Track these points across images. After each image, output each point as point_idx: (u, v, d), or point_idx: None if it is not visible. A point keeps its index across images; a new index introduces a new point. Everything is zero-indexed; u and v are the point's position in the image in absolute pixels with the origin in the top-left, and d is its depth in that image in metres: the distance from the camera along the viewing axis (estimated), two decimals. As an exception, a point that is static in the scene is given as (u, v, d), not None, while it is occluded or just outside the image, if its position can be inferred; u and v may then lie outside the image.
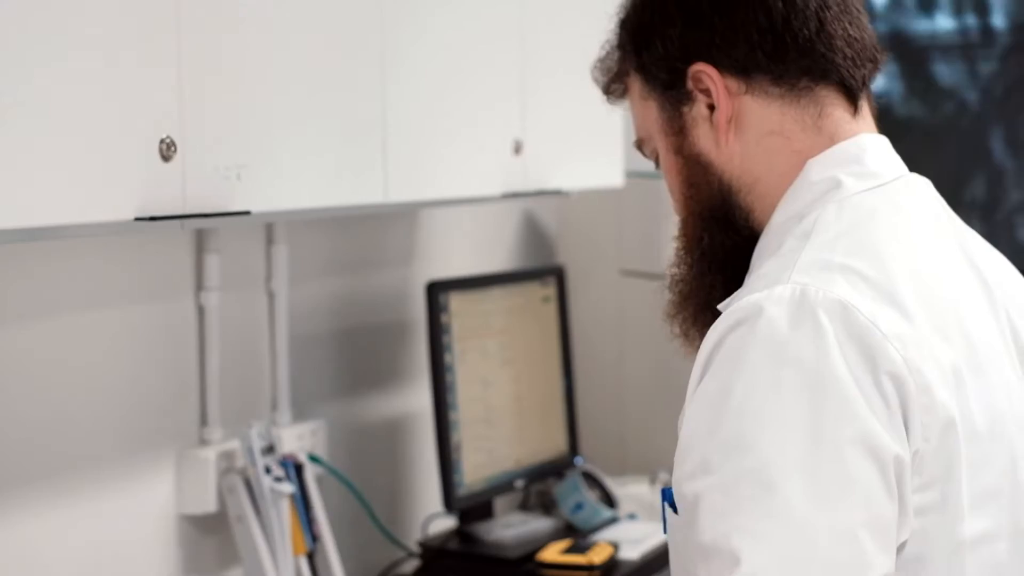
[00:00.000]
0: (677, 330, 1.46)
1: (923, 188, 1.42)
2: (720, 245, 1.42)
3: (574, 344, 2.87)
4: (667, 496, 1.32)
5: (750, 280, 1.34)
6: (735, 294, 1.32)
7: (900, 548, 1.21)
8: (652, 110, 1.45)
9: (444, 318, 2.47)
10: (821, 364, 1.20)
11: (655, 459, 2.87)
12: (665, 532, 1.34)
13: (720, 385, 1.23)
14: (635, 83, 1.47)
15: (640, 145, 1.51)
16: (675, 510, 1.28)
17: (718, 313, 1.32)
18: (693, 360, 1.36)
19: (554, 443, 2.76)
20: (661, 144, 1.46)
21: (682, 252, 1.46)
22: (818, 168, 1.37)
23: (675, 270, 1.48)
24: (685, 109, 1.42)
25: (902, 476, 1.20)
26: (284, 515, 2.19)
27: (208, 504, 2.15)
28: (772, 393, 1.20)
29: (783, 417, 1.19)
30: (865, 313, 1.22)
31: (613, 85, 1.51)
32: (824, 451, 1.17)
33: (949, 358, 1.26)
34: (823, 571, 1.15)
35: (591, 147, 2.61)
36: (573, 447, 2.80)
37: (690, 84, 1.41)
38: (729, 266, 1.42)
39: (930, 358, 1.24)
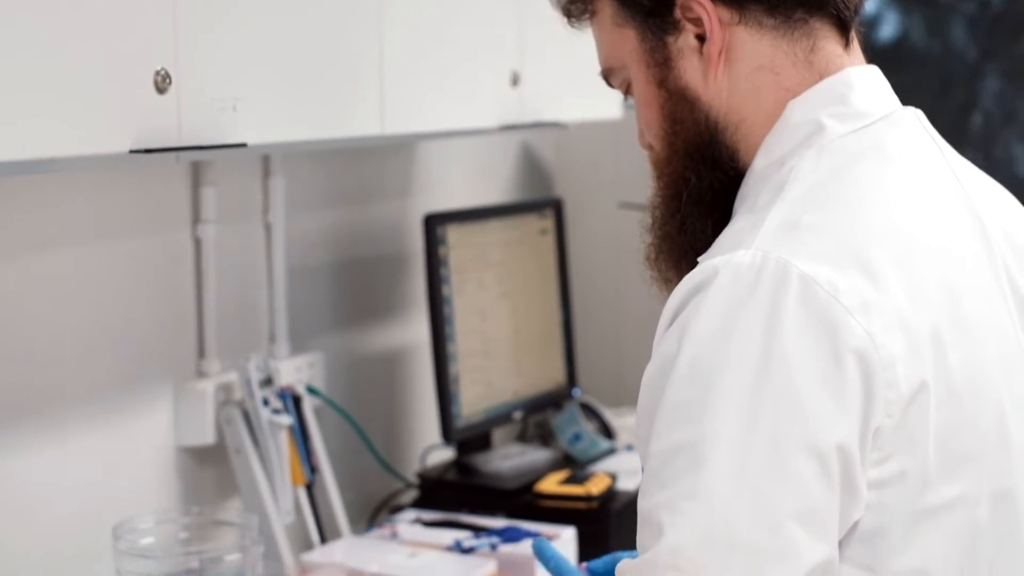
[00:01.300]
0: (658, 275, 1.41)
1: (912, 125, 1.34)
2: (709, 187, 1.34)
3: (572, 276, 2.87)
4: None
5: (723, 235, 1.28)
6: (710, 249, 1.27)
7: (855, 525, 1.17)
8: (629, 39, 1.36)
9: (442, 250, 2.47)
10: (769, 344, 1.14)
11: (653, 391, 2.88)
12: None
13: (674, 350, 1.19)
14: (606, 7, 1.37)
15: (608, 75, 1.43)
16: None
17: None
18: None
19: (552, 375, 2.77)
20: (639, 75, 1.36)
21: (664, 193, 1.38)
22: (800, 110, 1.30)
23: (656, 212, 1.40)
24: (670, 39, 1.33)
25: (849, 463, 1.14)
26: (282, 447, 2.20)
27: (206, 436, 2.16)
28: (717, 368, 1.15)
29: (724, 394, 1.14)
30: (826, 286, 1.16)
31: (575, 6, 1.41)
32: (758, 437, 1.13)
33: (927, 321, 1.19)
34: (744, 556, 1.12)
35: (589, 79, 2.58)
36: (571, 379, 2.81)
37: (678, 13, 1.32)
38: (717, 209, 1.35)
39: (898, 327, 1.17)
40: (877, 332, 1.16)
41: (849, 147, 1.28)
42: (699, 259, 1.27)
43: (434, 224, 2.46)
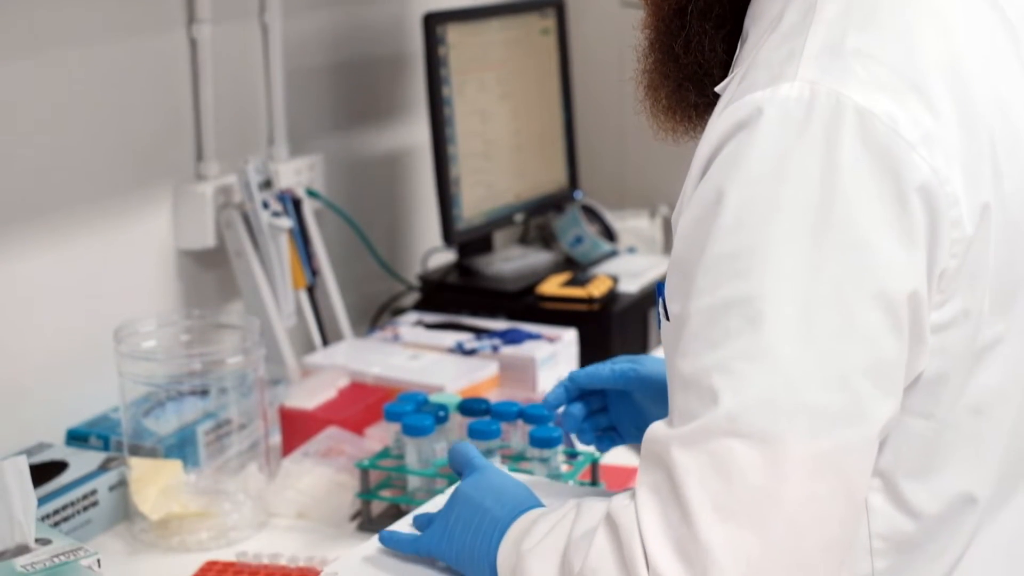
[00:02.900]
0: (657, 104, 1.30)
1: None
2: None
3: (574, 77, 2.83)
4: (661, 291, 1.19)
5: (748, 63, 1.16)
6: (732, 76, 1.18)
7: (918, 376, 1.11)
8: None
9: (441, 51, 2.43)
10: (827, 186, 1.04)
11: (655, 192, 2.87)
12: (659, 328, 1.22)
13: (716, 196, 1.08)
14: None
15: None
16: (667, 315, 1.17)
17: (710, 86, 1.21)
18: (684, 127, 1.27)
19: (553, 177, 2.75)
20: None
21: (664, 9, 1.25)
22: None
23: (654, 32, 1.27)
24: None
25: (919, 311, 1.07)
26: (283, 250, 2.19)
27: (206, 239, 2.15)
28: (770, 215, 1.05)
29: (780, 243, 1.05)
30: (885, 119, 1.06)
31: None
32: (822, 289, 1.04)
33: (985, 148, 1.11)
34: (812, 419, 1.03)
35: None
36: (572, 181, 2.79)
37: None
38: (727, 23, 1.23)
39: (959, 157, 1.09)
40: (941, 167, 1.07)
41: None
42: (718, 88, 1.19)
43: (433, 24, 2.41)
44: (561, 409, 1.57)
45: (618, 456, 1.83)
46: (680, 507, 1.04)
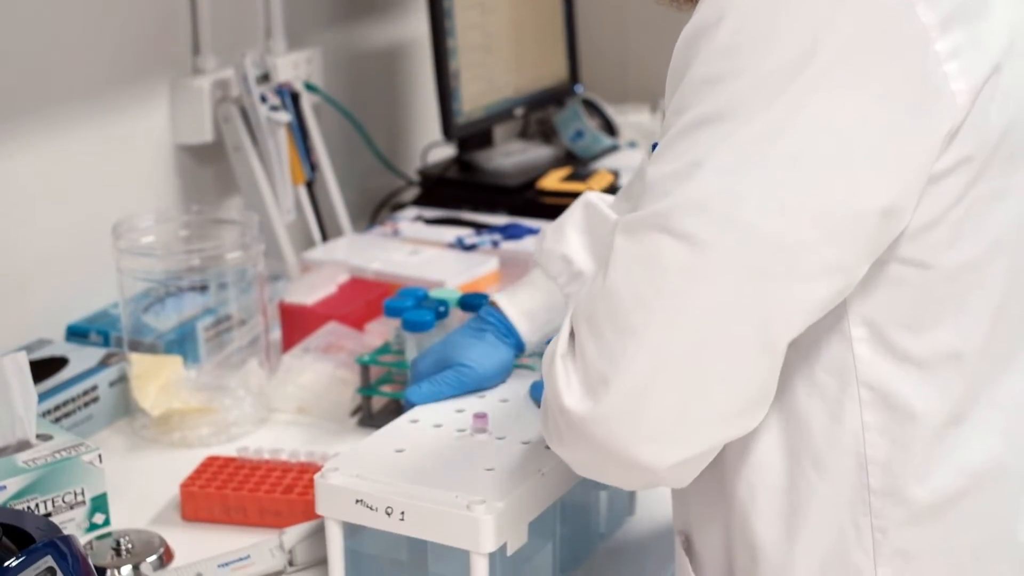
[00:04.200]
0: None
1: None
2: None
3: (575, -32, 2.80)
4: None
5: None
6: None
7: (908, 226, 1.11)
8: None
9: (440, -59, 2.39)
10: (826, 21, 1.05)
11: (656, 86, 2.83)
12: None
13: (715, 18, 1.09)
14: None
15: None
16: None
17: None
18: None
19: (554, 70, 2.73)
20: None
21: None
22: None
23: None
24: None
25: (905, 150, 1.07)
26: (281, 144, 2.18)
27: (204, 134, 2.14)
28: (761, 43, 1.06)
29: (762, 71, 1.05)
30: None
31: None
32: (791, 120, 1.05)
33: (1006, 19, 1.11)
34: (739, 233, 1.05)
35: None
36: (573, 74, 2.77)
37: None
38: None
39: (961, 15, 1.08)
40: (943, 19, 1.07)
41: None
42: None
43: (432, -86, 2.38)
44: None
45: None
46: (605, 290, 1.08)
